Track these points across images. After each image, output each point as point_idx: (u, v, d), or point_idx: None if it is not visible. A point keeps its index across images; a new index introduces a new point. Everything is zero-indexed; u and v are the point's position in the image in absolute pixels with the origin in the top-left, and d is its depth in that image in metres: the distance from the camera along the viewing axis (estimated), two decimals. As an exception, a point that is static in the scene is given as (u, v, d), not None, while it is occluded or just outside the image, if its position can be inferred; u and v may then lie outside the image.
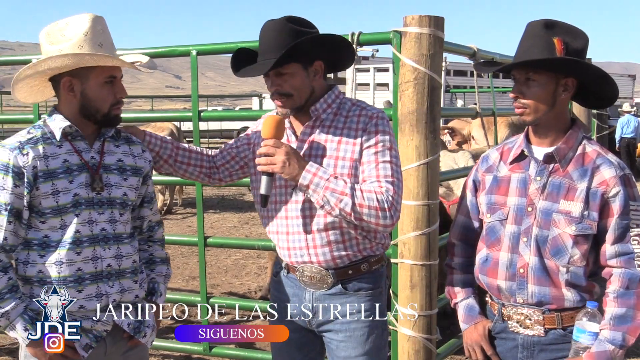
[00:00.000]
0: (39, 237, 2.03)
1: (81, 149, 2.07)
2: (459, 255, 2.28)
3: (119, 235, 2.11)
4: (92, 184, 2.05)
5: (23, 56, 3.93)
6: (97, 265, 2.06)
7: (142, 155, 2.22)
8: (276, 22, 2.08)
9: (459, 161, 4.30)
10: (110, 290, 2.09)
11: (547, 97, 1.97)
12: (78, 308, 2.04)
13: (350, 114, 2.14)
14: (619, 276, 1.95)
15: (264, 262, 6.87)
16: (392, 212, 2.02)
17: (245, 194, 12.31)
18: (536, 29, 1.97)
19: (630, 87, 22.31)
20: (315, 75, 2.13)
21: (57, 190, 2.00)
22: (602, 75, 2.01)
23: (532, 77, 1.95)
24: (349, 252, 2.14)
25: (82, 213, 2.03)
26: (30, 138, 2.01)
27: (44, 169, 1.99)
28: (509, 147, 2.16)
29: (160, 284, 2.30)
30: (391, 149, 2.09)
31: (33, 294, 2.04)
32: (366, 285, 2.18)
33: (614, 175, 1.95)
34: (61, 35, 2.00)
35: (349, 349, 2.16)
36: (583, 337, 1.93)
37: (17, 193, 1.97)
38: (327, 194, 2.00)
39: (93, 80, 2.02)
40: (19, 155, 1.97)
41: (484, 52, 3.79)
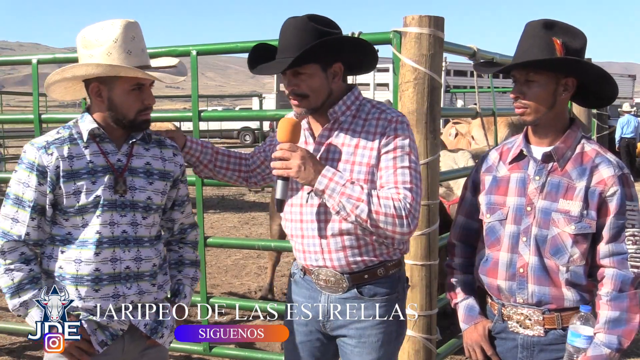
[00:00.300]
0: (62, 234, 2.07)
1: (108, 151, 2.09)
2: (459, 256, 2.28)
3: (140, 238, 2.13)
4: (115, 186, 2.07)
5: (23, 56, 3.93)
6: (115, 267, 2.08)
7: (172, 159, 2.22)
8: (297, 20, 2.03)
9: (459, 161, 4.30)
10: (127, 292, 2.10)
11: (548, 97, 1.97)
12: (94, 307, 2.07)
13: (369, 116, 2.09)
14: (611, 278, 1.94)
15: (264, 262, 6.87)
16: (410, 220, 1.96)
17: (245, 194, 12.32)
18: (535, 29, 1.97)
19: (630, 87, 22.31)
20: (334, 78, 2.08)
21: (79, 191, 2.03)
22: (602, 74, 2.01)
23: (533, 77, 1.95)
24: (365, 257, 2.09)
25: (104, 214, 2.06)
26: (57, 138, 2.05)
27: (67, 169, 2.02)
28: (508, 147, 2.16)
29: (186, 286, 2.31)
30: (410, 154, 2.03)
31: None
32: (382, 290, 2.13)
33: (612, 175, 1.95)
34: (95, 40, 2.02)
35: (363, 354, 2.13)
36: (578, 342, 1.92)
37: (41, 191, 2.02)
38: (343, 199, 1.96)
39: (119, 87, 2.03)
40: (43, 155, 2.01)
41: (484, 52, 3.79)
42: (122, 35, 2.00)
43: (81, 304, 2.06)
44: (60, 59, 3.91)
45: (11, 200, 2.05)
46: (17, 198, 2.04)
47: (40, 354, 4.46)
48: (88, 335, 2.07)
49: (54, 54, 3.89)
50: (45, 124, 6.66)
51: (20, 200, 2.04)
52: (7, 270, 2.03)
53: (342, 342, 2.18)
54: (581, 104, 2.24)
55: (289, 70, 2.02)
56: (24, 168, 2.04)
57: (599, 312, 1.95)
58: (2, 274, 2.04)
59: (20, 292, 2.03)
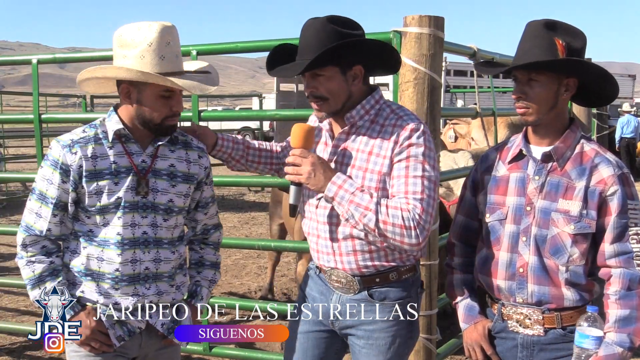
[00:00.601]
0: (84, 230, 2.10)
1: (133, 151, 2.10)
2: (458, 255, 2.28)
3: (160, 239, 2.14)
4: (137, 188, 2.08)
5: (23, 56, 3.93)
6: (135, 268, 2.10)
7: (197, 162, 2.21)
8: (317, 22, 2.01)
9: (459, 161, 4.30)
10: (147, 292, 2.13)
11: (550, 97, 1.97)
12: (113, 304, 2.10)
13: (387, 122, 2.06)
14: (619, 277, 1.94)
15: (264, 262, 6.87)
16: (419, 231, 1.92)
17: (245, 194, 12.33)
18: (537, 30, 1.97)
19: (630, 87, 22.28)
20: (354, 80, 2.05)
21: (101, 191, 2.05)
22: (603, 74, 2.01)
23: (535, 77, 1.95)
24: (376, 262, 2.08)
25: (125, 216, 2.07)
26: (82, 137, 2.07)
27: (90, 169, 2.04)
28: (507, 147, 2.16)
29: (204, 288, 2.32)
30: (424, 164, 1.99)
31: (74, 281, 2.12)
32: (394, 294, 2.11)
33: (612, 174, 1.95)
34: (131, 40, 2.01)
35: (371, 356, 2.13)
36: (587, 343, 1.91)
37: (64, 188, 2.05)
38: (351, 207, 1.95)
39: (149, 92, 2.03)
40: (67, 154, 2.04)
41: (484, 52, 3.79)
42: (157, 39, 1.99)
43: (102, 299, 2.09)
44: (60, 59, 3.90)
45: (36, 196, 2.09)
46: (41, 194, 2.08)
47: (41, 354, 4.47)
48: (106, 328, 2.10)
49: (54, 54, 3.88)
50: (45, 124, 6.66)
51: (44, 196, 2.07)
52: (29, 262, 2.08)
53: (352, 342, 2.19)
54: (581, 104, 2.24)
55: (307, 72, 2.01)
56: (49, 165, 2.06)
57: (608, 312, 1.95)
58: (24, 266, 2.09)
59: (41, 284, 2.07)
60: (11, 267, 7.01)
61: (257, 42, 3.34)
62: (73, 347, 2.13)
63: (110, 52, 3.76)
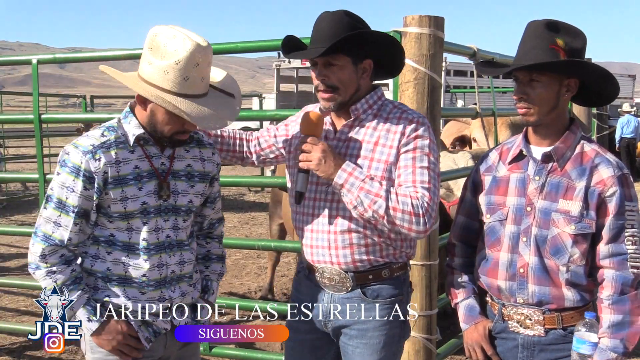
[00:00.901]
0: (105, 235, 2.07)
1: (152, 154, 2.07)
2: (459, 256, 2.28)
3: (181, 241, 2.14)
4: (159, 192, 2.06)
5: (23, 56, 3.93)
6: (162, 272, 2.09)
7: (211, 159, 2.21)
8: (334, 13, 2.06)
9: (459, 162, 4.29)
10: (172, 294, 2.13)
11: (551, 97, 1.97)
12: (140, 308, 2.09)
13: (391, 116, 2.11)
14: (611, 280, 1.95)
15: (264, 262, 6.86)
16: (426, 219, 1.98)
17: (245, 194, 12.32)
18: (538, 30, 1.97)
19: (630, 87, 22.26)
20: (363, 74, 2.10)
21: (126, 197, 2.01)
22: (605, 75, 2.01)
23: (537, 78, 1.95)
24: (371, 256, 2.10)
25: (150, 221, 2.06)
26: (104, 142, 2.01)
27: (114, 175, 2.00)
28: (507, 147, 2.16)
29: (214, 282, 2.33)
30: (429, 155, 2.06)
31: (97, 286, 2.08)
32: (386, 293, 2.13)
33: (611, 175, 1.95)
34: (163, 46, 1.93)
35: (365, 355, 2.13)
36: (583, 348, 1.92)
37: (86, 196, 1.99)
38: (361, 194, 1.98)
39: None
40: (91, 160, 1.97)
41: (484, 52, 3.79)
42: (186, 58, 1.91)
43: (129, 304, 2.08)
44: (60, 59, 3.91)
45: (54, 204, 2.01)
46: (60, 202, 2.00)
47: (41, 354, 4.47)
48: (136, 332, 2.09)
49: (54, 54, 3.89)
50: (45, 124, 6.67)
51: (63, 204, 2.00)
52: (49, 273, 2.02)
53: (344, 343, 2.18)
54: (581, 104, 2.24)
55: (322, 59, 2.03)
56: (69, 172, 1.99)
57: (602, 316, 1.95)
58: (44, 277, 2.02)
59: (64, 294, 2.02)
60: (11, 267, 7.01)
61: (257, 42, 3.34)
62: (99, 355, 2.09)
63: (111, 52, 3.78)
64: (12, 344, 4.65)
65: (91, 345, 2.09)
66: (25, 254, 7.23)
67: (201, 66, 1.94)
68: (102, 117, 7.12)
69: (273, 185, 3.77)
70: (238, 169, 13.46)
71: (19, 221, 9.84)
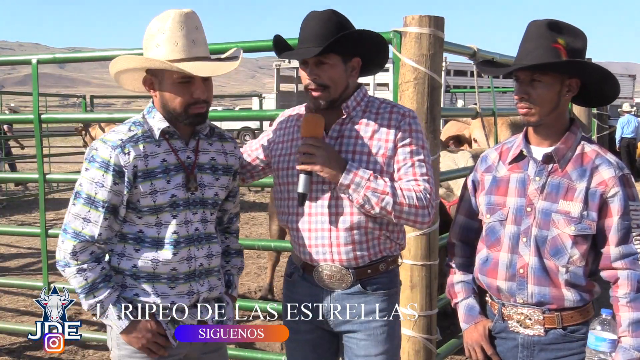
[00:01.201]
0: (133, 232, 2.07)
1: (177, 147, 2.09)
2: (459, 256, 2.28)
3: (209, 234, 2.16)
4: (187, 184, 2.08)
5: (23, 56, 3.93)
6: (190, 265, 2.10)
7: (233, 153, 2.24)
8: (322, 13, 2.10)
9: (459, 161, 4.29)
10: (201, 288, 2.14)
11: (552, 97, 1.97)
12: (170, 304, 2.09)
13: (381, 110, 2.15)
14: (627, 279, 1.94)
15: (264, 262, 6.86)
16: (430, 210, 2.07)
17: (245, 194, 12.32)
18: (540, 30, 1.96)
19: (631, 87, 22.26)
20: (352, 72, 2.15)
21: (155, 190, 2.02)
22: (606, 75, 2.01)
23: (538, 78, 1.95)
24: (371, 251, 2.14)
25: (180, 214, 2.06)
26: (132, 136, 2.03)
27: (143, 169, 2.01)
28: (507, 147, 2.15)
29: (235, 276, 2.34)
30: (424, 148, 2.13)
31: (125, 284, 2.08)
32: (383, 285, 2.17)
33: (612, 176, 1.95)
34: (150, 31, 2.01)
35: (370, 347, 2.15)
36: (603, 346, 1.89)
37: (116, 190, 2.00)
38: (368, 193, 2.02)
39: (167, 79, 2.01)
40: (120, 154, 1.99)
41: (484, 52, 3.79)
42: (171, 27, 1.97)
43: (158, 300, 2.07)
44: (60, 59, 3.91)
45: (83, 200, 2.01)
46: (89, 197, 2.00)
47: (40, 354, 4.47)
48: (164, 330, 2.09)
49: (54, 54, 3.89)
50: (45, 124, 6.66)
51: (92, 200, 2.00)
52: (80, 271, 2.01)
53: (348, 338, 2.19)
54: (581, 104, 2.24)
55: (313, 59, 2.06)
56: (98, 167, 1.99)
57: (620, 315, 1.94)
58: (74, 274, 2.02)
59: (95, 292, 2.02)
60: (11, 267, 7.01)
61: (257, 42, 3.34)
62: (125, 352, 2.09)
63: (110, 52, 3.79)
64: (12, 344, 4.65)
65: (118, 342, 2.10)
66: (25, 254, 7.28)
67: (187, 29, 1.98)
68: (102, 117, 7.09)
69: (273, 185, 3.77)
70: (238, 169, 13.45)
71: (18, 221, 9.85)
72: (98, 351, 4.53)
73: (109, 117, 5.75)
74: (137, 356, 2.08)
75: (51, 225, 8.61)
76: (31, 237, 7.79)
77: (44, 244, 3.98)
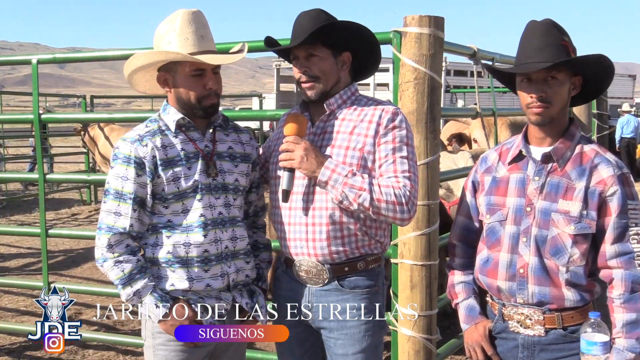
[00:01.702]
0: (163, 222, 2.16)
1: (195, 138, 2.19)
2: (459, 256, 2.28)
3: (233, 218, 2.24)
4: (207, 170, 2.17)
5: (23, 56, 3.93)
6: (218, 247, 2.18)
7: (249, 143, 2.34)
8: (311, 11, 2.18)
9: (459, 162, 4.29)
10: (229, 270, 2.20)
11: (564, 95, 2.00)
12: (205, 287, 2.15)
13: (366, 107, 2.19)
14: (621, 279, 1.94)
15: (264, 262, 6.85)
16: (409, 207, 2.08)
17: (245, 194, 12.30)
18: (547, 28, 1.98)
19: (630, 87, 22.26)
20: (342, 66, 2.20)
21: (178, 177, 2.13)
22: (608, 70, 2.04)
23: (555, 75, 1.95)
24: (346, 248, 2.15)
25: (204, 198, 2.16)
26: (148, 131, 2.15)
27: (163, 158, 2.12)
28: (507, 148, 2.16)
29: (265, 270, 2.40)
30: (408, 145, 2.14)
31: (160, 275, 2.15)
32: (362, 284, 2.18)
33: (611, 175, 1.95)
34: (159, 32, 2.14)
35: (346, 346, 2.17)
36: (595, 349, 1.89)
37: (140, 182, 2.11)
38: (345, 189, 2.05)
39: (180, 73, 2.13)
40: (139, 147, 2.11)
41: (484, 52, 3.79)
42: (179, 24, 2.10)
43: (193, 286, 2.13)
44: (60, 59, 3.91)
45: (112, 196, 2.12)
46: (117, 192, 2.11)
47: (40, 354, 4.47)
48: (200, 320, 2.15)
49: (54, 54, 3.89)
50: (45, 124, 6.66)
51: (120, 194, 2.11)
52: (117, 263, 2.09)
53: (326, 337, 2.21)
54: (578, 103, 2.24)
55: (303, 52, 2.14)
56: (121, 163, 2.11)
57: (614, 316, 1.94)
58: (112, 267, 2.10)
59: (132, 282, 2.09)
60: (11, 267, 7.01)
61: (257, 42, 3.33)
62: (160, 341, 2.15)
63: (111, 52, 3.79)
64: (12, 344, 4.66)
65: (152, 332, 2.17)
66: (25, 254, 7.31)
67: (195, 26, 2.11)
68: (102, 117, 7.09)
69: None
70: (238, 169, 13.43)
71: (18, 221, 9.85)
72: (98, 351, 4.52)
73: (109, 117, 5.76)
74: (172, 344, 2.14)
75: (51, 225, 8.62)
76: (31, 237, 7.79)
77: (44, 244, 3.98)
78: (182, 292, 2.14)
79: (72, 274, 6.44)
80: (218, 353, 2.28)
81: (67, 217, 10.08)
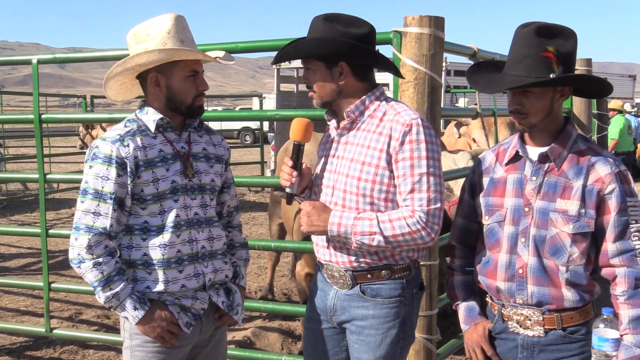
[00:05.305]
0: (139, 223, 2.16)
1: (172, 139, 2.21)
2: (459, 257, 2.28)
3: (210, 218, 2.26)
4: (184, 171, 2.19)
5: (23, 56, 3.93)
6: (192, 247, 2.19)
7: (221, 144, 2.38)
8: (315, 19, 2.15)
9: (459, 162, 4.29)
10: (205, 270, 2.22)
11: (545, 105, 1.98)
12: (180, 288, 2.16)
13: (385, 117, 2.10)
14: (624, 276, 1.94)
15: (264, 262, 6.86)
16: (429, 230, 2.02)
17: (245, 194, 12.32)
18: (529, 37, 1.94)
19: (631, 87, 22.25)
20: (340, 76, 2.11)
21: (157, 178, 2.14)
22: (595, 81, 2.03)
23: (530, 89, 1.95)
24: (367, 259, 2.12)
25: (180, 199, 2.18)
26: (128, 131, 2.14)
27: (143, 159, 2.12)
28: (504, 148, 2.16)
29: (242, 267, 2.44)
30: (427, 158, 2.03)
31: (136, 277, 2.15)
32: (385, 292, 2.13)
33: (609, 172, 1.95)
34: (146, 35, 2.13)
35: (361, 352, 2.16)
36: (607, 346, 1.89)
37: (120, 182, 2.10)
38: (357, 238, 2.04)
39: (177, 74, 2.15)
40: (120, 147, 2.10)
41: (484, 52, 3.79)
42: (173, 26, 2.12)
43: (168, 288, 2.14)
44: (60, 59, 3.90)
45: (90, 195, 2.10)
46: (96, 192, 2.09)
47: (41, 354, 4.47)
48: (176, 319, 2.16)
49: (54, 54, 3.89)
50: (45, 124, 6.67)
51: (100, 193, 2.09)
52: (96, 265, 2.08)
53: (347, 338, 2.23)
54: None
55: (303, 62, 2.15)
56: (101, 162, 2.09)
57: (620, 313, 1.94)
58: (90, 269, 2.08)
59: (111, 285, 2.08)
60: (11, 267, 7.01)
61: (257, 42, 3.34)
62: (137, 342, 2.16)
63: (111, 52, 3.78)
64: (12, 344, 4.65)
65: (130, 333, 2.18)
66: (25, 254, 7.30)
67: (186, 30, 2.17)
68: (102, 117, 7.10)
69: (273, 185, 3.77)
70: (238, 169, 13.47)
71: (18, 221, 9.85)
72: (98, 351, 4.52)
73: (109, 117, 5.75)
74: (149, 345, 2.15)
75: (51, 225, 8.62)
76: (31, 237, 7.80)
77: (44, 244, 3.98)
78: (158, 294, 2.15)
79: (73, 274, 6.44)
80: (196, 352, 2.29)
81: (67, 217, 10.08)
